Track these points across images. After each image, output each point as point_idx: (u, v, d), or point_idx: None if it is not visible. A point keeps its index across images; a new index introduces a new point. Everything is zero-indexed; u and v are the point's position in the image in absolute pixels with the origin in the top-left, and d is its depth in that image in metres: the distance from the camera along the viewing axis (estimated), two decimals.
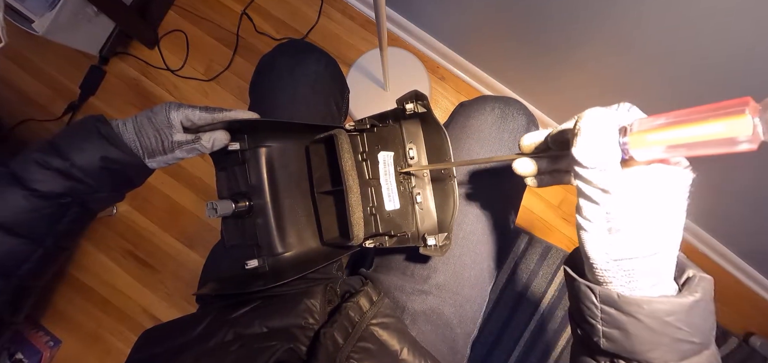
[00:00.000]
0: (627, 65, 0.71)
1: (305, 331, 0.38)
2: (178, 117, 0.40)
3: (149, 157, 0.40)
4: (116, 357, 1.13)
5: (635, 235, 0.22)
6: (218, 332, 0.38)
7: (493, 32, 0.91)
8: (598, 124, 0.22)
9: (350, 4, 1.19)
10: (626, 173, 0.22)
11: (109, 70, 1.22)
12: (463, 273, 0.47)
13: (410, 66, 1.13)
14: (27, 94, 1.23)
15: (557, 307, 1.04)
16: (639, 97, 0.76)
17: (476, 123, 0.49)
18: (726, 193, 0.85)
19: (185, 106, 0.41)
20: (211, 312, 0.41)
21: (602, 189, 0.22)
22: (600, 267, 0.24)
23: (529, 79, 0.99)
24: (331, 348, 0.36)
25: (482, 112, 0.49)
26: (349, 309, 0.40)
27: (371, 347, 0.38)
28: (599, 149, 0.21)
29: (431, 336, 0.46)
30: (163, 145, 0.40)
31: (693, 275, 0.25)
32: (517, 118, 0.49)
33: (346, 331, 0.38)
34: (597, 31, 0.68)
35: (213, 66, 1.21)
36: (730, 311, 1.11)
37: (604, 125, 0.22)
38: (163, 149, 0.40)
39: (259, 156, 0.47)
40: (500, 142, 0.48)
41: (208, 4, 1.22)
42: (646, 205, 0.22)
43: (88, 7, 1.05)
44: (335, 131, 0.42)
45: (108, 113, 1.20)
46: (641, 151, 0.21)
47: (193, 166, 1.19)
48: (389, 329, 0.41)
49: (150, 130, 0.40)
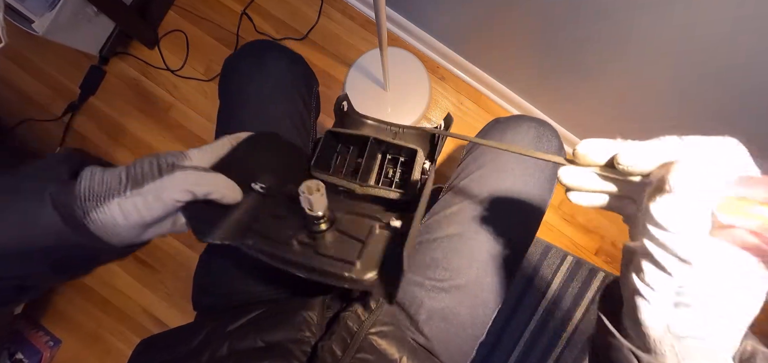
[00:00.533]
0: (629, 66, 0.71)
1: (301, 346, 0.37)
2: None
3: (135, 187, 0.27)
4: (116, 357, 1.13)
5: (708, 316, 0.19)
6: (213, 345, 0.37)
7: (493, 32, 0.91)
8: (697, 187, 0.18)
9: (350, 4, 1.19)
10: (713, 244, 0.18)
11: (109, 70, 1.22)
12: (485, 279, 0.47)
13: (410, 66, 1.13)
14: (27, 94, 1.23)
15: (558, 307, 1.04)
16: (653, 101, 0.76)
17: (513, 139, 0.50)
18: None
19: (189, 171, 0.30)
20: (207, 323, 0.41)
21: (682, 259, 0.19)
22: (655, 337, 0.20)
23: (530, 79, 0.99)
24: (330, 361, 0.36)
25: (518, 130, 0.50)
26: (347, 319, 0.40)
27: (370, 358, 0.37)
28: (691, 217, 0.18)
29: (443, 335, 0.47)
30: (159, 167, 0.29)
31: (753, 350, 0.21)
32: (552, 140, 0.50)
33: (344, 342, 0.38)
34: (598, 32, 0.68)
35: (213, 66, 1.21)
36: None
37: (704, 190, 0.17)
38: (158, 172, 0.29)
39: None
40: (535, 162, 0.49)
41: (208, 4, 1.22)
42: (728, 284, 0.19)
43: (88, 7, 1.05)
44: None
45: (108, 114, 1.21)
46: (735, 219, 0.17)
47: None
48: (388, 338, 0.40)
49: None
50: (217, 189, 0.30)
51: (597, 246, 1.11)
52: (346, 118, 0.57)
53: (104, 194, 0.26)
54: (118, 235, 0.27)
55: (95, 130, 1.22)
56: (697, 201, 0.18)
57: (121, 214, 0.26)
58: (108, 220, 0.26)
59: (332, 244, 0.38)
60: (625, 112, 0.84)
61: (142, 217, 0.27)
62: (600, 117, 0.93)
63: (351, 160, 0.51)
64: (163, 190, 0.27)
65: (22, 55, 1.22)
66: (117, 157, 1.21)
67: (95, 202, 0.26)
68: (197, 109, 1.21)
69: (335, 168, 0.51)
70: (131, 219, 0.27)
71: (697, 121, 0.72)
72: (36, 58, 1.23)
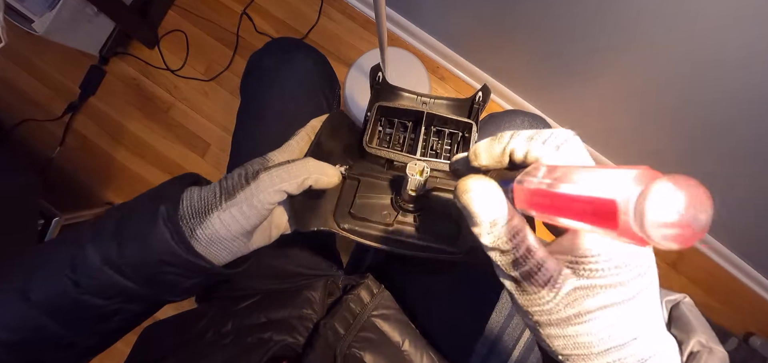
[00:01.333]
0: (630, 66, 0.71)
1: (303, 322, 0.38)
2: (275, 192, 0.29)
3: (228, 198, 0.28)
4: (116, 357, 1.12)
5: None
6: (218, 324, 0.38)
7: (492, 32, 0.91)
8: (489, 213, 0.19)
9: (350, 4, 1.19)
10: None
11: (109, 70, 1.22)
12: (486, 269, 0.48)
13: (410, 66, 1.13)
14: (27, 94, 1.23)
15: None
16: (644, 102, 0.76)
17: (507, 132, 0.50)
18: (727, 194, 0.85)
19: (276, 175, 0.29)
20: (212, 309, 0.41)
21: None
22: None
23: (529, 79, 0.99)
24: (332, 338, 0.36)
25: (512, 123, 0.52)
26: (350, 301, 0.40)
27: (373, 337, 0.38)
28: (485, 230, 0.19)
29: (444, 328, 0.47)
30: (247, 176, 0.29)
31: (700, 350, 0.22)
32: None
33: (347, 321, 0.38)
34: (599, 33, 0.68)
35: (213, 66, 1.21)
36: (730, 311, 1.11)
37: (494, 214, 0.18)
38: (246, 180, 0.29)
39: None
40: None
41: (208, 4, 1.22)
42: None
43: (88, 7, 1.05)
44: None
45: (108, 114, 1.21)
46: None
47: (193, 165, 1.19)
48: (390, 321, 0.41)
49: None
50: (308, 174, 0.30)
51: None
52: (381, 90, 0.57)
53: (204, 210, 0.27)
54: (225, 249, 0.28)
55: (95, 130, 1.22)
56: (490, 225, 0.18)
57: (222, 226, 0.27)
58: (212, 233, 0.27)
59: (430, 222, 0.39)
60: (624, 112, 0.84)
61: (242, 225, 0.28)
62: (600, 117, 0.93)
63: (396, 135, 0.51)
64: (252, 196, 0.27)
65: (22, 55, 1.22)
66: (117, 157, 1.21)
67: (198, 219, 0.27)
68: (197, 109, 1.21)
69: (381, 142, 0.51)
70: (233, 229, 0.27)
71: (693, 116, 0.72)
72: (36, 58, 1.23)
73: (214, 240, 0.27)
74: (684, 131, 0.77)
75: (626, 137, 0.93)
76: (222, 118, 1.20)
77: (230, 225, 0.27)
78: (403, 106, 0.49)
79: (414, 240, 0.38)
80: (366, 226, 0.40)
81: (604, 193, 0.14)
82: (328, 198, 0.42)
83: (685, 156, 0.83)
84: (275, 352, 0.33)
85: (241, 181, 0.28)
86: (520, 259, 0.18)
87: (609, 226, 0.13)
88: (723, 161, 0.77)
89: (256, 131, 0.54)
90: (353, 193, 0.42)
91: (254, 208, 0.27)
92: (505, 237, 0.18)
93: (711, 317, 1.09)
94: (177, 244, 0.26)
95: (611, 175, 0.14)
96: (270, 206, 0.28)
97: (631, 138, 0.92)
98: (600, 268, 0.17)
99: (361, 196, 0.42)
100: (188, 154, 1.20)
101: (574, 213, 0.15)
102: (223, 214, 0.27)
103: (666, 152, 0.87)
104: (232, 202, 0.27)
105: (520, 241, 0.18)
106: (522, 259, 0.18)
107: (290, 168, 0.29)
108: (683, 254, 1.12)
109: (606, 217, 0.13)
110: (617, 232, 0.13)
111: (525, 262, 0.18)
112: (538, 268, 0.18)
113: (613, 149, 1.02)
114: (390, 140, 0.51)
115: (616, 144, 0.99)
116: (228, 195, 0.27)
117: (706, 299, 1.12)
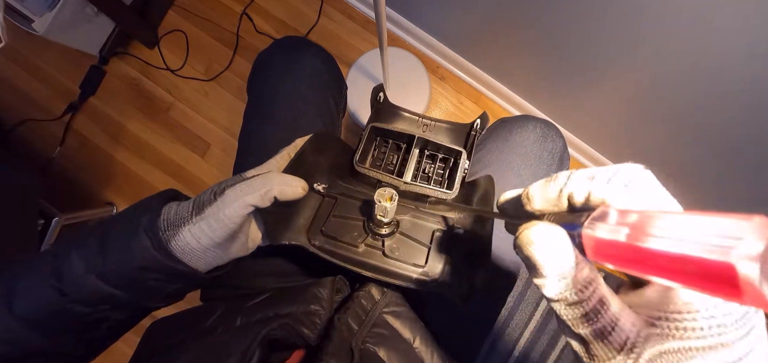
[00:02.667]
0: (632, 67, 0.71)
1: (310, 316, 0.38)
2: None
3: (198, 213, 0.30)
4: (117, 357, 1.12)
5: None
6: (227, 320, 0.38)
7: (492, 32, 0.91)
8: (555, 268, 0.16)
9: (350, 4, 1.19)
10: None
11: (109, 70, 1.22)
12: (497, 281, 0.48)
13: (410, 66, 1.13)
14: (27, 94, 1.23)
15: None
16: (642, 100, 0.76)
17: (519, 138, 0.50)
18: (727, 194, 0.85)
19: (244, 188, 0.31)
20: (220, 305, 0.41)
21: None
22: None
23: (529, 79, 0.99)
24: (346, 333, 0.36)
25: (524, 129, 0.51)
26: (361, 297, 0.40)
27: (385, 333, 0.38)
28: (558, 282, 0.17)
29: (451, 324, 0.47)
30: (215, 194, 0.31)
31: None
32: (557, 140, 0.51)
33: (359, 317, 0.38)
34: (601, 32, 0.68)
35: (213, 66, 1.21)
36: None
37: (562, 267, 0.16)
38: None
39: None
40: (540, 160, 0.49)
41: (208, 4, 1.22)
42: None
43: (88, 7, 1.05)
44: None
45: (108, 114, 1.21)
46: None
47: (193, 165, 1.19)
48: (401, 318, 0.41)
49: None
50: (271, 186, 0.31)
51: None
52: (381, 109, 0.57)
53: (178, 223, 0.29)
54: (199, 258, 0.31)
55: (95, 130, 1.22)
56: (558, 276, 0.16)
57: (193, 239, 0.29)
58: (184, 245, 0.29)
59: (399, 247, 0.41)
60: (625, 113, 0.84)
61: (211, 238, 0.30)
62: (601, 117, 0.93)
63: (390, 156, 0.51)
64: (219, 210, 0.29)
65: (22, 55, 1.22)
66: (117, 157, 1.21)
67: (173, 231, 0.29)
68: (197, 109, 1.21)
69: (373, 162, 0.51)
70: (203, 241, 0.30)
71: (703, 122, 0.72)
72: (36, 58, 1.23)
73: (188, 251, 0.30)
74: (683, 131, 0.77)
75: (628, 138, 0.93)
76: (222, 118, 1.20)
77: (200, 238, 0.29)
78: (395, 129, 0.49)
79: (378, 265, 0.40)
80: (336, 245, 0.41)
81: (715, 255, 0.11)
82: (305, 213, 0.43)
83: (685, 157, 0.83)
84: (276, 334, 0.34)
85: (210, 198, 0.30)
86: (590, 314, 0.15)
87: (729, 294, 0.11)
88: (747, 166, 0.76)
89: (265, 129, 0.54)
90: (329, 211, 0.44)
91: (221, 222, 0.30)
92: (574, 288, 0.16)
93: None
94: (157, 250, 0.28)
95: (716, 226, 0.12)
96: (237, 219, 0.30)
97: (633, 138, 0.92)
98: (699, 325, 0.14)
99: (337, 215, 0.44)
100: (188, 155, 1.20)
101: (670, 273, 0.12)
102: (193, 228, 0.29)
103: (667, 152, 0.87)
104: (201, 217, 0.29)
105: (592, 293, 0.15)
106: (592, 313, 0.15)
107: (253, 181, 0.31)
108: None
109: (721, 281, 0.11)
110: (741, 301, 0.11)
111: (596, 317, 0.15)
112: (613, 326, 0.15)
113: (614, 150, 1.02)
114: (383, 161, 0.51)
115: (617, 145, 0.99)
116: (198, 210, 0.30)
117: None
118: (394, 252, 0.41)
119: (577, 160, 1.11)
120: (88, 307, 0.29)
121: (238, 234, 0.33)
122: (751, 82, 0.58)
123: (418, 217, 0.44)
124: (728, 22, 0.52)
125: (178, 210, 0.30)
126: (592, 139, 1.04)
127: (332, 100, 0.58)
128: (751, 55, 0.54)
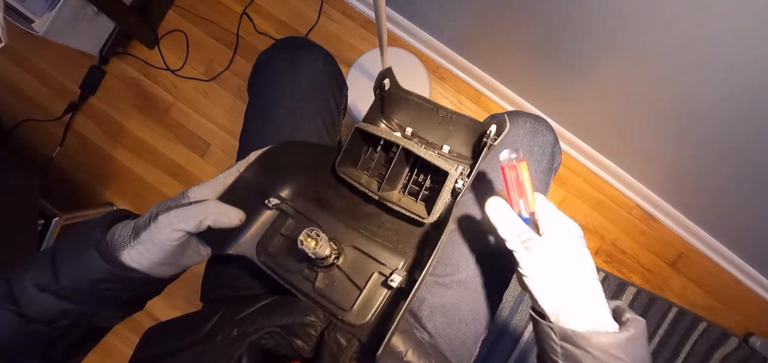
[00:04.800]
0: (628, 65, 0.71)
1: (304, 328, 0.38)
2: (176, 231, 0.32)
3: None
4: (117, 357, 1.13)
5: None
6: (225, 330, 0.38)
7: (492, 32, 0.91)
8: (502, 217, 0.36)
9: (350, 4, 1.19)
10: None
11: (109, 70, 1.22)
12: (485, 274, 0.48)
13: (410, 66, 1.13)
14: (27, 94, 1.23)
15: None
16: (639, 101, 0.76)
17: (509, 134, 0.50)
18: (727, 193, 0.85)
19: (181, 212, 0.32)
20: (217, 311, 0.41)
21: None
22: (550, 312, 0.32)
23: (529, 79, 0.99)
24: (335, 349, 0.36)
25: (514, 124, 0.51)
26: None
27: None
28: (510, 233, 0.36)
29: (445, 330, 0.47)
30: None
31: (629, 318, 0.31)
32: (546, 134, 0.51)
33: (348, 333, 0.38)
34: (597, 33, 0.68)
35: (213, 66, 1.21)
36: (730, 311, 1.11)
37: (506, 219, 0.36)
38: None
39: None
40: (531, 154, 0.50)
41: (208, 4, 1.22)
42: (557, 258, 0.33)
43: (88, 7, 1.05)
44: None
45: (108, 114, 1.21)
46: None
47: (193, 165, 1.19)
48: None
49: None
50: (206, 216, 0.32)
51: (597, 246, 1.11)
52: (387, 97, 0.51)
53: (119, 246, 0.31)
54: (149, 271, 0.32)
55: (95, 130, 1.22)
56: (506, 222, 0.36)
57: (132, 261, 0.31)
58: (130, 262, 0.31)
59: (331, 284, 0.41)
60: (624, 112, 0.84)
61: (150, 260, 0.31)
62: (600, 116, 0.93)
63: (379, 161, 0.49)
64: (152, 235, 0.31)
65: (22, 55, 1.22)
66: (117, 157, 1.21)
67: (117, 253, 0.31)
68: (197, 109, 1.21)
69: (362, 166, 0.50)
70: (143, 263, 0.31)
71: (695, 116, 0.72)
72: (36, 58, 1.23)
73: (135, 265, 0.31)
74: (682, 131, 0.77)
75: (625, 136, 0.93)
76: (222, 118, 1.20)
77: (139, 260, 0.31)
78: (378, 133, 0.46)
79: (309, 294, 0.40)
80: (278, 264, 0.41)
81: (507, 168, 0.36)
82: (259, 226, 0.44)
83: (685, 157, 0.84)
84: (265, 344, 0.35)
85: (145, 223, 0.32)
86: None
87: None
88: (725, 161, 0.77)
89: (266, 129, 0.54)
90: (279, 229, 0.43)
91: (156, 246, 0.31)
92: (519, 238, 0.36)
93: (711, 317, 1.09)
94: (108, 262, 0.30)
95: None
96: (171, 243, 0.31)
97: (630, 137, 0.92)
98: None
99: (285, 234, 0.43)
100: (188, 154, 1.20)
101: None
102: (132, 251, 0.31)
103: (665, 152, 0.87)
104: (137, 241, 0.31)
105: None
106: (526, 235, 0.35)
107: (188, 210, 0.32)
108: (683, 254, 1.12)
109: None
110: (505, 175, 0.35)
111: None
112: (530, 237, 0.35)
113: (612, 148, 1.02)
114: (373, 164, 0.49)
115: (615, 143, 0.99)
116: (135, 234, 0.31)
117: (706, 299, 1.12)
118: (323, 289, 0.40)
119: (570, 154, 1.11)
120: (46, 326, 0.30)
121: (185, 247, 0.34)
122: (726, 71, 0.58)
123: (364, 251, 0.42)
124: (709, 20, 0.52)
125: (122, 232, 0.32)
126: (591, 137, 1.04)
127: (333, 100, 0.58)
128: (729, 42, 0.54)
